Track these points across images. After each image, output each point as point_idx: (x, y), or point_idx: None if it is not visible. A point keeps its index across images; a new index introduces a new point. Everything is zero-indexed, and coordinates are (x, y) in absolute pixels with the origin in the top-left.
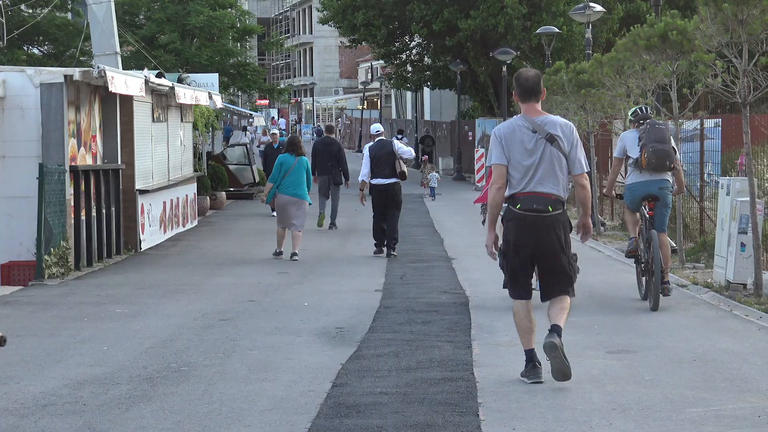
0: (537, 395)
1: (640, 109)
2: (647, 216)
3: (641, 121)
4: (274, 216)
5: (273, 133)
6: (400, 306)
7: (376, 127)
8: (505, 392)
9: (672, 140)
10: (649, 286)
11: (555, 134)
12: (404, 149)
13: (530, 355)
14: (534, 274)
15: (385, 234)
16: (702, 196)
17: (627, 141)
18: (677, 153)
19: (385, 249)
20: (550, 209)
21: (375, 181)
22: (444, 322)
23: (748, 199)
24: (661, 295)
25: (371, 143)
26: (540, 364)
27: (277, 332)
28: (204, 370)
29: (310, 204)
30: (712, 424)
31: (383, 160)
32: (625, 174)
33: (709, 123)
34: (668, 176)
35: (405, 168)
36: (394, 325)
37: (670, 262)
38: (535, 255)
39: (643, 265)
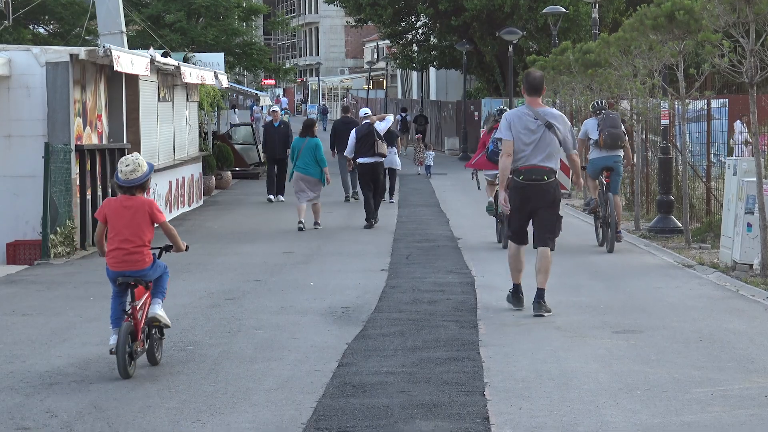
0: (543, 375)
1: (597, 102)
2: (605, 183)
3: (598, 112)
4: (270, 200)
5: (273, 111)
6: (406, 286)
7: (365, 110)
8: (511, 372)
9: (622, 126)
10: (607, 235)
11: (552, 122)
12: (381, 125)
13: (516, 287)
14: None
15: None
16: (708, 176)
17: (588, 126)
18: (626, 135)
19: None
20: (546, 178)
21: (361, 160)
22: (450, 301)
23: (754, 179)
24: (615, 242)
25: (360, 126)
26: (522, 295)
27: (282, 312)
28: (210, 349)
29: (324, 184)
30: (719, 404)
31: (369, 141)
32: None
33: (716, 103)
34: (620, 152)
35: (384, 150)
36: (400, 304)
37: (621, 216)
38: (534, 212)
39: (601, 219)
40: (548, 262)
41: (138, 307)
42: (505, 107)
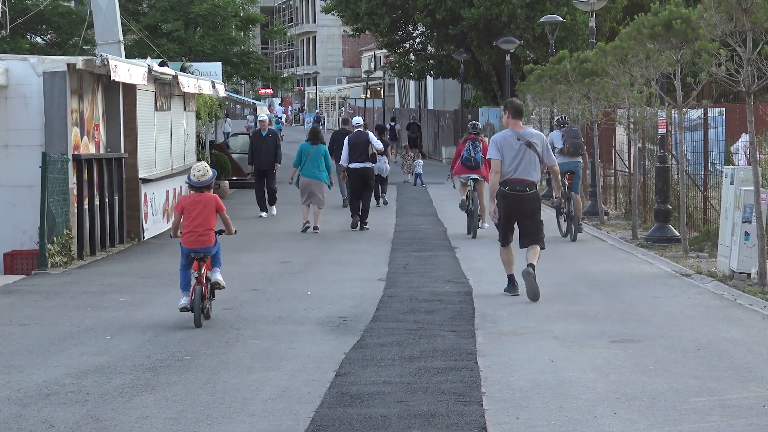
0: (541, 384)
1: (562, 118)
2: (567, 184)
3: (562, 125)
4: (262, 217)
5: (261, 120)
6: (404, 295)
7: (357, 120)
8: (508, 382)
9: (580, 136)
10: (570, 227)
11: (531, 141)
12: (376, 141)
13: (510, 277)
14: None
15: (360, 210)
16: (706, 185)
17: (554, 138)
18: (585, 145)
19: (359, 224)
20: (528, 190)
21: (352, 165)
22: (447, 311)
23: (752, 188)
24: (578, 233)
25: (352, 134)
26: (517, 283)
27: (280, 321)
28: (207, 359)
29: (329, 186)
30: (717, 414)
31: (360, 148)
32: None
33: (713, 112)
34: (580, 159)
35: (375, 151)
36: (398, 314)
37: (581, 211)
38: (519, 218)
39: (565, 214)
40: (536, 252)
41: (202, 275)
42: (478, 122)
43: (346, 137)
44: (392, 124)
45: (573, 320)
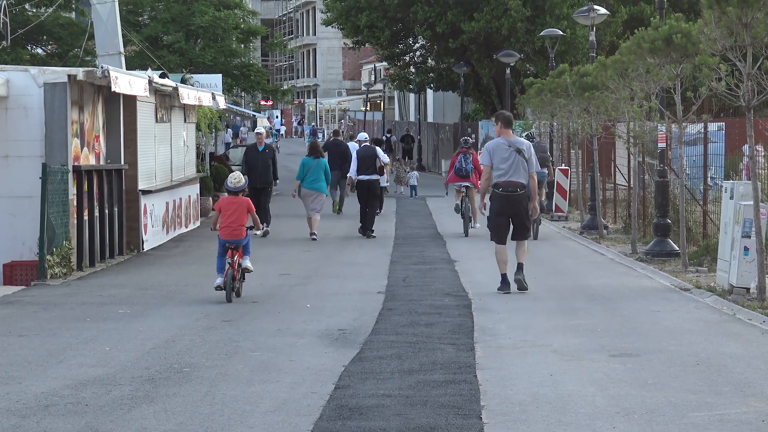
0: (540, 398)
1: (530, 133)
2: None
3: (531, 140)
4: (256, 235)
5: (258, 134)
6: (403, 308)
7: (363, 135)
8: (507, 395)
9: (547, 151)
10: (533, 226)
11: (521, 148)
12: (383, 155)
13: (504, 277)
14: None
15: (367, 219)
16: (705, 199)
17: None
18: (551, 158)
19: (366, 231)
20: (518, 191)
21: (361, 177)
22: (447, 324)
23: (751, 203)
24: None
25: (359, 148)
26: (510, 282)
27: (279, 334)
28: (206, 371)
29: (327, 196)
30: (716, 429)
31: (368, 161)
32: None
33: (713, 126)
34: (545, 170)
35: (383, 164)
36: (397, 327)
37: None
38: (510, 217)
39: None
40: (525, 247)
41: (235, 261)
42: (469, 137)
43: (356, 151)
44: (388, 135)
45: (572, 334)
